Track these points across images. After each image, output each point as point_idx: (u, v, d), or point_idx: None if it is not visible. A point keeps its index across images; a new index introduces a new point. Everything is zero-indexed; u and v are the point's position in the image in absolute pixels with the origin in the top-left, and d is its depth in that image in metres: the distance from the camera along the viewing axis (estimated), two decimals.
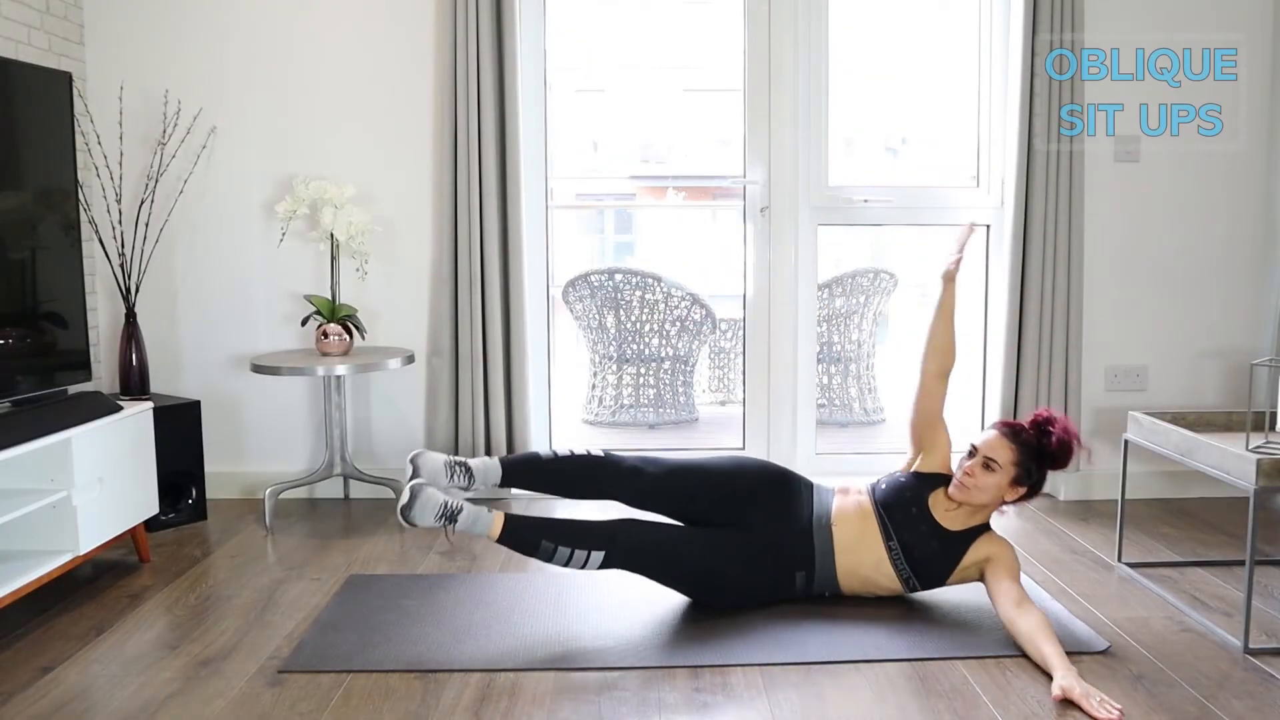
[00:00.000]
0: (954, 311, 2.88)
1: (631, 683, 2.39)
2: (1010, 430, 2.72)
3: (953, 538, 2.71)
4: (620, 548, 2.67)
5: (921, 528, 2.71)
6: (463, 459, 2.70)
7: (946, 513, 2.73)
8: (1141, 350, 3.97)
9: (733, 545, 2.73)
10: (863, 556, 2.73)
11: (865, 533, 2.74)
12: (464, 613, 2.78)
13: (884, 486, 2.81)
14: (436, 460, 2.66)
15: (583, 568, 2.66)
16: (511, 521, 2.65)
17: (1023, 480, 2.69)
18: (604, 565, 2.67)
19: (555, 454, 2.79)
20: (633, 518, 2.77)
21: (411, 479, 2.63)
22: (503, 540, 2.65)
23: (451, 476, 2.65)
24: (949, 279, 2.89)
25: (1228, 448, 2.63)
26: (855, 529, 2.74)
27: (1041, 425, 2.71)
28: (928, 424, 2.86)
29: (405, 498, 2.57)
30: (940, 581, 2.75)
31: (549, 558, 2.65)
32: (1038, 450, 2.69)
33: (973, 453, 2.71)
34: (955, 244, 2.93)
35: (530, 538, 2.66)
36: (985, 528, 2.75)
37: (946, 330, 2.87)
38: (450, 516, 2.58)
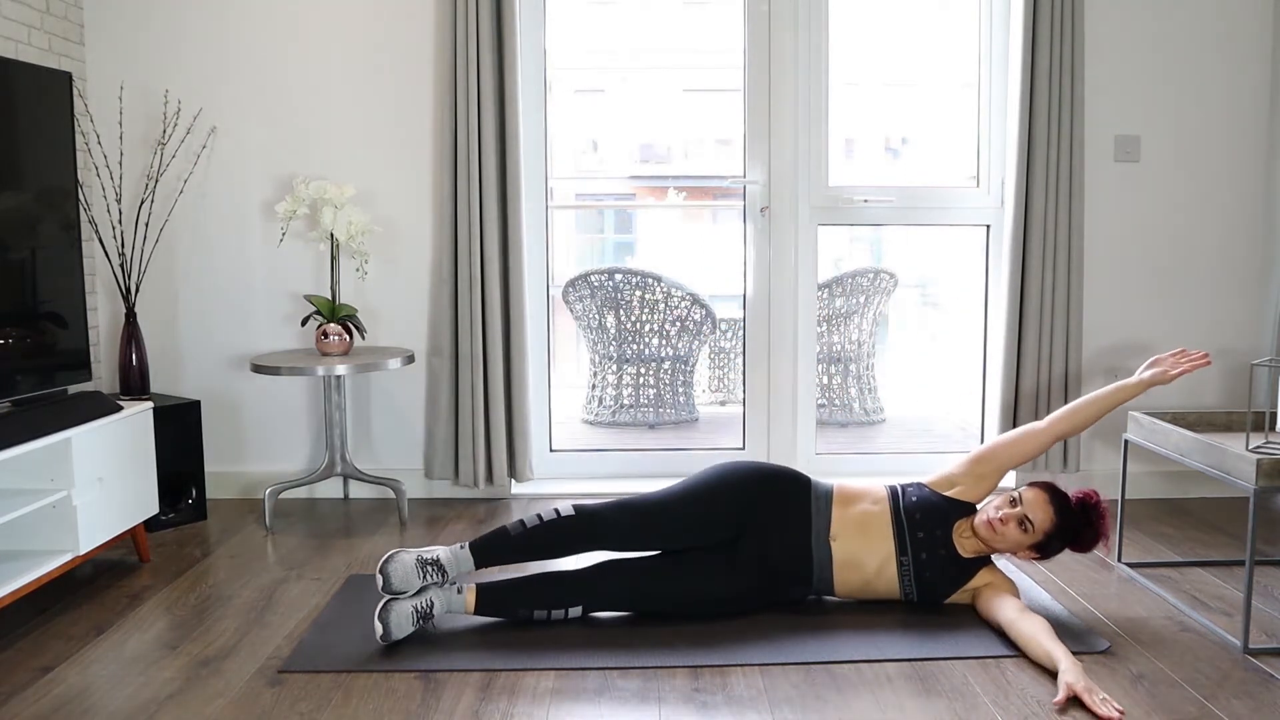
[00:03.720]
0: (1121, 404, 2.87)
1: (631, 683, 2.39)
2: (1058, 501, 2.69)
3: (963, 564, 2.73)
4: (597, 597, 2.68)
5: (940, 551, 2.72)
6: (434, 555, 2.62)
7: (961, 538, 2.74)
8: (1141, 350, 3.97)
9: (721, 571, 2.69)
10: (865, 566, 2.72)
11: (872, 542, 2.72)
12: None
13: (914, 498, 2.77)
14: (407, 563, 2.58)
15: (565, 621, 2.68)
16: (483, 595, 2.65)
17: (1042, 549, 2.71)
18: (585, 614, 2.69)
19: (524, 525, 2.70)
20: (613, 560, 2.74)
21: (383, 588, 2.57)
22: (479, 613, 2.65)
23: (424, 576, 2.59)
24: (1150, 384, 2.86)
25: (1228, 448, 2.63)
26: (858, 541, 2.73)
27: (1088, 512, 2.69)
28: (998, 466, 2.83)
29: (379, 629, 2.52)
30: (938, 602, 2.77)
31: (529, 620, 2.66)
32: (1072, 532, 2.69)
33: (1014, 502, 2.69)
34: (1186, 361, 2.86)
35: (505, 607, 2.66)
36: (989, 558, 2.79)
37: (1105, 412, 2.86)
38: (425, 616, 2.58)
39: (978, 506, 2.79)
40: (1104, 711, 2.18)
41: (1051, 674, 2.37)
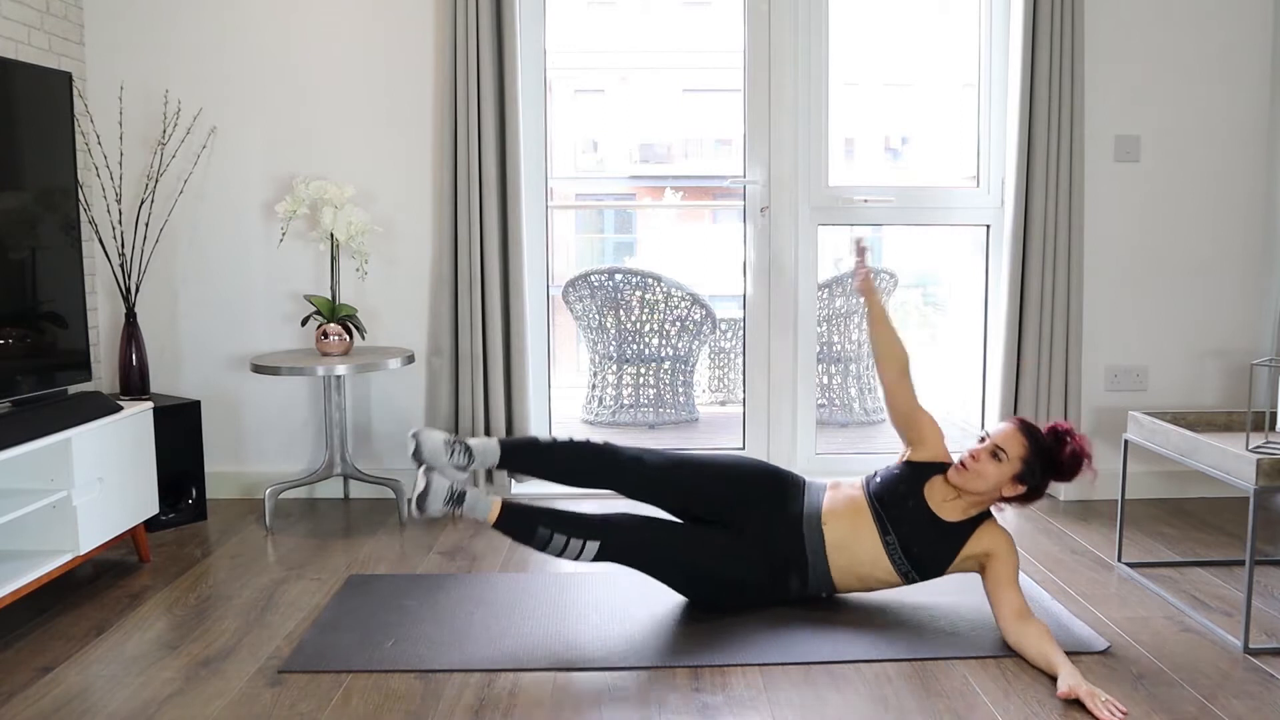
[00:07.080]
0: (885, 316, 2.90)
1: (631, 683, 2.39)
2: (1026, 427, 2.69)
3: (951, 529, 2.68)
4: (615, 540, 2.68)
5: (919, 519, 2.69)
6: (462, 439, 2.73)
7: (944, 502, 2.69)
8: (1141, 350, 3.97)
9: (726, 545, 2.72)
10: (857, 553, 2.71)
11: (859, 528, 2.71)
12: (464, 613, 2.79)
13: (879, 479, 2.78)
14: (436, 439, 2.69)
15: (576, 558, 2.68)
16: (509, 506, 2.68)
17: (1025, 478, 2.64)
18: (598, 557, 2.68)
19: (555, 440, 2.79)
20: (629, 512, 2.77)
21: (414, 454, 2.68)
22: (500, 524, 2.67)
23: (451, 455, 2.68)
24: (865, 292, 2.92)
25: (1228, 448, 2.63)
26: (847, 525, 2.72)
27: (1059, 433, 2.68)
28: (905, 421, 2.84)
29: (420, 485, 2.63)
30: (939, 573, 2.72)
31: (544, 545, 2.66)
32: (1048, 454, 2.66)
33: (983, 439, 2.68)
34: (857, 259, 2.99)
35: (527, 523, 2.67)
36: (984, 517, 2.71)
37: (884, 335, 2.89)
38: (458, 499, 2.65)
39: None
40: (1105, 714, 2.18)
41: (1052, 675, 2.37)
